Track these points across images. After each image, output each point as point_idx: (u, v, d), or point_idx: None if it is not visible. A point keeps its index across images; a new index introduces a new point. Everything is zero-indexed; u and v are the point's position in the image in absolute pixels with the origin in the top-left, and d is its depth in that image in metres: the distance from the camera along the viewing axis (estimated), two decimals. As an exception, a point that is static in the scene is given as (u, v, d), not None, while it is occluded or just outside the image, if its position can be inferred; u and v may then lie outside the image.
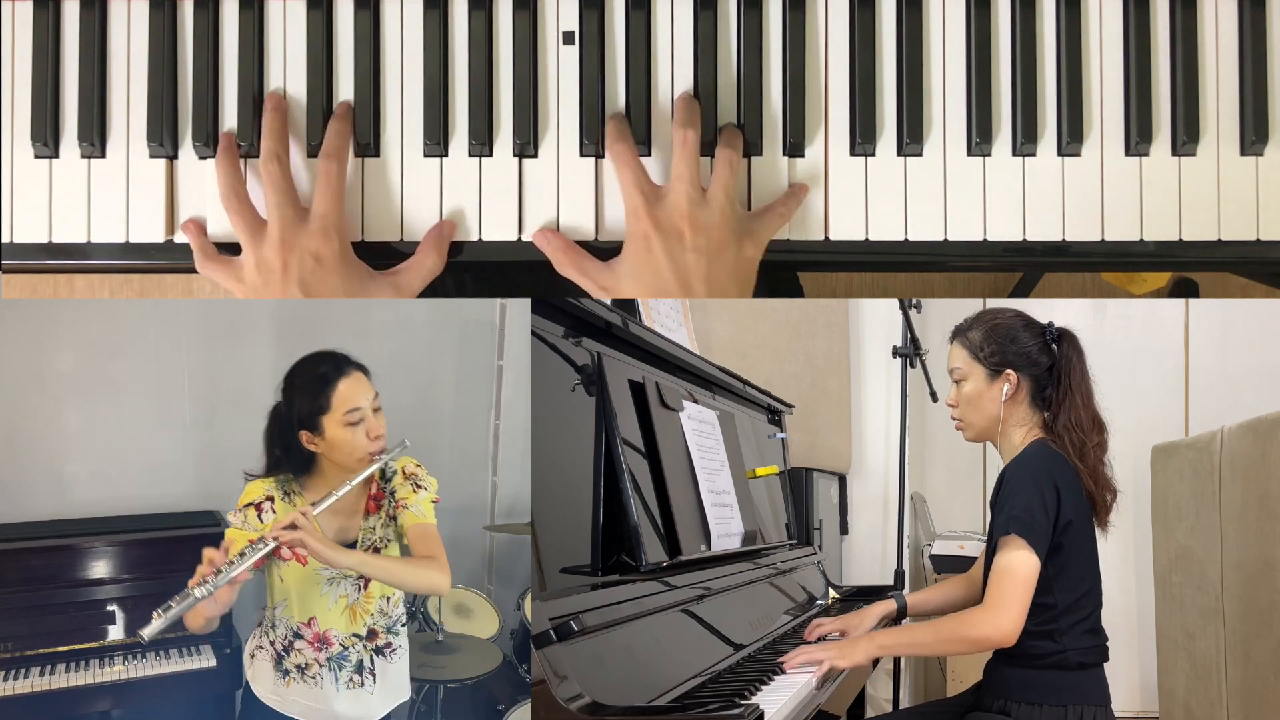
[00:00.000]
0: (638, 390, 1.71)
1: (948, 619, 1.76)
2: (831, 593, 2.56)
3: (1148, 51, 1.51)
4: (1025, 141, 1.50)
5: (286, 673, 1.73)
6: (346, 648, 1.73)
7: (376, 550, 1.71)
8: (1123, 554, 3.43)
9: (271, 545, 1.53)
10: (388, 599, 1.76)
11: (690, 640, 1.60)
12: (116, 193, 1.49)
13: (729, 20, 1.51)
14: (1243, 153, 1.51)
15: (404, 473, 1.73)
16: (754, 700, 1.41)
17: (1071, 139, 1.50)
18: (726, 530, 1.91)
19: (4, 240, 1.49)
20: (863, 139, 1.49)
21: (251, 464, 1.71)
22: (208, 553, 1.53)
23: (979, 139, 1.50)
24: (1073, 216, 1.50)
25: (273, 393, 1.75)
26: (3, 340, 2.43)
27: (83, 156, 1.49)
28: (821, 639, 1.92)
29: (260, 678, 1.77)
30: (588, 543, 1.51)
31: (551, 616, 1.26)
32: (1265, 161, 1.51)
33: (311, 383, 1.64)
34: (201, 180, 1.49)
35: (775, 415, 2.71)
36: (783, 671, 1.62)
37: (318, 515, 1.58)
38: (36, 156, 1.50)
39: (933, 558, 3.40)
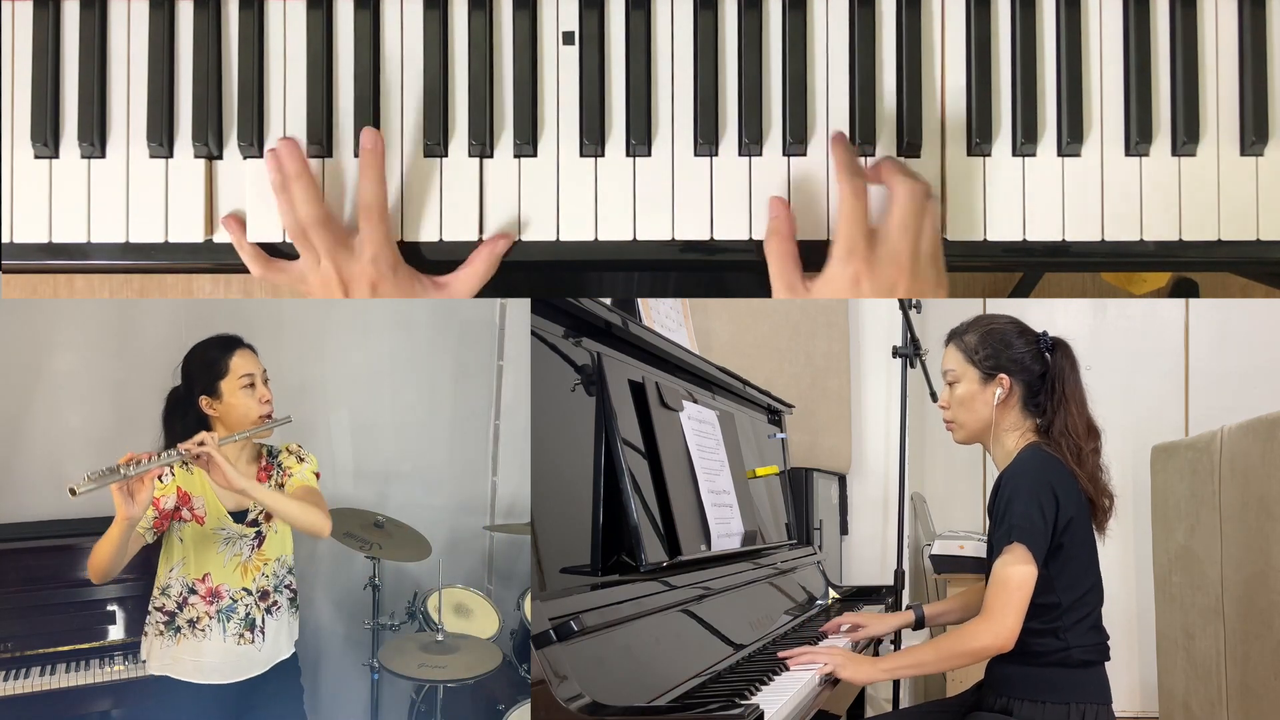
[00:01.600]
0: (638, 390, 1.71)
1: (946, 635, 1.79)
2: (831, 593, 2.56)
3: (1148, 51, 1.51)
4: (1025, 141, 1.50)
5: (178, 629, 1.90)
6: (235, 600, 1.91)
7: (268, 518, 1.92)
8: (1123, 554, 3.43)
9: (181, 455, 1.74)
10: (279, 560, 1.96)
11: (690, 640, 1.60)
12: (116, 193, 1.49)
13: (729, 20, 1.51)
14: (1243, 153, 1.51)
15: (288, 450, 1.98)
16: (754, 700, 1.41)
17: (1071, 139, 1.50)
18: (726, 530, 1.91)
19: (4, 240, 1.49)
20: (862, 140, 1.49)
21: (154, 448, 1.86)
22: (129, 454, 1.71)
23: (979, 139, 1.50)
24: (1073, 216, 1.50)
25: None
26: (3, 340, 2.43)
27: (83, 156, 1.49)
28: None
29: (153, 651, 1.93)
30: (588, 543, 1.51)
31: (551, 616, 1.26)
32: (1265, 161, 1.51)
33: (210, 356, 1.90)
34: (201, 180, 1.49)
35: (775, 415, 2.71)
36: (785, 669, 1.62)
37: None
38: (36, 156, 1.50)
39: (933, 558, 3.40)
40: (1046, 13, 1.52)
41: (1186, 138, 1.50)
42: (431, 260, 1.49)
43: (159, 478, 1.82)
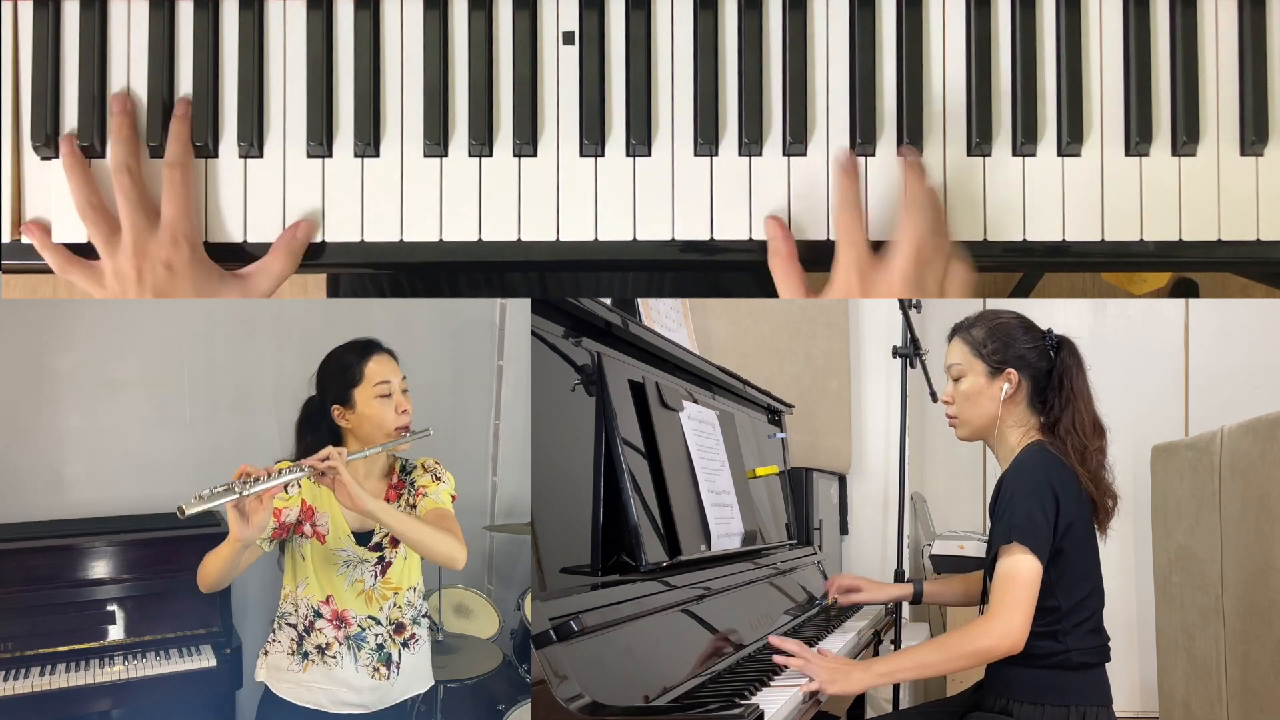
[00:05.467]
0: (638, 390, 1.71)
1: (951, 635, 1.74)
2: (831, 593, 2.55)
3: (1148, 51, 1.51)
4: (1025, 141, 1.50)
5: (306, 655, 1.76)
6: (364, 629, 1.76)
7: (394, 543, 1.77)
8: (1123, 554, 3.43)
9: (305, 471, 1.57)
10: (414, 589, 1.80)
11: (690, 640, 1.60)
12: (116, 193, 1.49)
13: (729, 20, 1.51)
14: (1243, 153, 1.51)
15: (424, 466, 1.81)
16: (754, 700, 1.41)
17: (1071, 139, 1.50)
18: (726, 530, 1.91)
19: (4, 240, 1.49)
20: (862, 140, 1.49)
21: (282, 455, 1.77)
22: (244, 467, 1.54)
23: (979, 139, 1.50)
24: (1073, 216, 1.50)
25: (271, 393, 1.78)
26: (3, 340, 2.43)
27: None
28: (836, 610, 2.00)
29: (275, 667, 1.80)
30: (588, 543, 1.51)
31: (551, 616, 1.26)
32: (1265, 161, 1.51)
33: (344, 361, 1.75)
34: (200, 180, 1.49)
35: (775, 415, 2.71)
36: (784, 669, 1.61)
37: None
38: (37, 156, 1.50)
39: (933, 558, 3.40)
40: (1046, 13, 1.52)
41: (1186, 138, 1.50)
42: (431, 261, 1.49)
43: (284, 489, 1.66)
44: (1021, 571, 1.64)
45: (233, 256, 1.48)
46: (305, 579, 1.76)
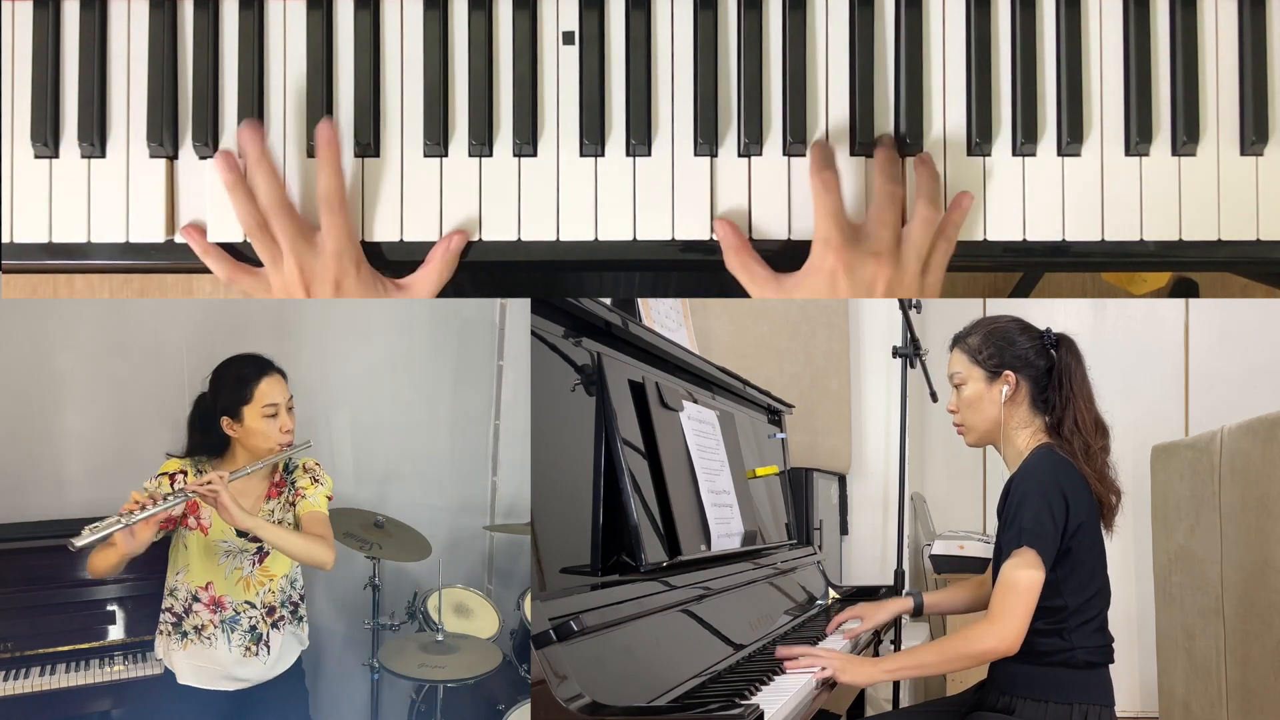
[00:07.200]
0: (638, 390, 1.71)
1: (950, 637, 1.77)
2: (831, 593, 2.56)
3: (1148, 51, 1.51)
4: (1025, 141, 1.50)
5: (185, 635, 1.94)
6: (239, 613, 1.93)
7: None
8: (1123, 554, 3.43)
9: (189, 496, 1.77)
10: (285, 576, 1.97)
11: (690, 640, 1.60)
12: (116, 193, 1.49)
13: (729, 20, 1.51)
14: (1243, 153, 1.51)
15: (304, 468, 1.97)
16: (754, 700, 1.41)
17: (1071, 139, 1.50)
18: (726, 530, 1.91)
19: (4, 240, 1.49)
20: (862, 139, 1.49)
21: (176, 448, 1.95)
22: (134, 494, 1.74)
23: (979, 139, 1.50)
24: (1073, 216, 1.50)
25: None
26: (3, 340, 2.43)
27: (83, 156, 1.50)
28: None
29: (165, 649, 1.98)
30: (588, 543, 1.51)
31: (551, 616, 1.26)
32: (1265, 161, 1.51)
33: (238, 377, 1.90)
34: (202, 180, 1.49)
35: (775, 415, 2.71)
36: (783, 671, 1.62)
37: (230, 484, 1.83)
38: (36, 156, 1.50)
39: (933, 558, 3.40)
40: (1046, 13, 1.52)
41: (1186, 138, 1.50)
42: (431, 260, 1.49)
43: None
44: (1023, 577, 1.66)
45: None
46: (186, 566, 1.92)
